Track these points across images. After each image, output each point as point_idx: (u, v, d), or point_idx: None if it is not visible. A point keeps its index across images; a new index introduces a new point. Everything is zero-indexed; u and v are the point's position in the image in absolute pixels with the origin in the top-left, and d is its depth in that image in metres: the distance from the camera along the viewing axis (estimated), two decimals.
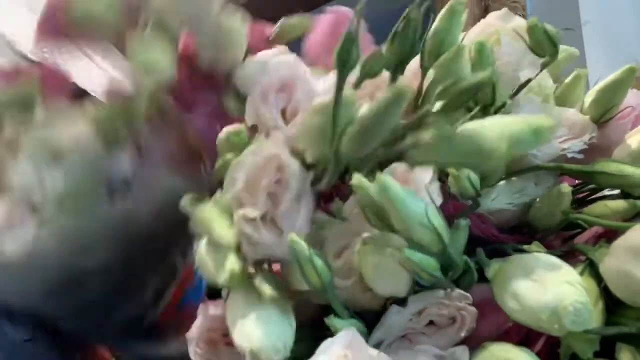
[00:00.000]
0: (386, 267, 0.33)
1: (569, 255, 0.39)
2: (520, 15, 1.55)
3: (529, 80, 0.40)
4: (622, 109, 0.43)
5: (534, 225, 0.41)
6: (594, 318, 0.31)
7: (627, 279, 0.31)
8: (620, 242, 0.33)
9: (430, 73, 0.39)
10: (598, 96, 0.43)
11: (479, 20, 1.54)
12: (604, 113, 0.43)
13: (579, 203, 0.43)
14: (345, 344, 0.31)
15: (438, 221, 0.31)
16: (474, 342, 0.35)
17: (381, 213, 0.32)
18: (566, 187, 0.40)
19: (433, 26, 0.40)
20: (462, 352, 0.34)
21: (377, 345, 0.35)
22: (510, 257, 0.34)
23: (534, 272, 0.31)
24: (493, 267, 0.34)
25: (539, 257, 0.33)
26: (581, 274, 0.35)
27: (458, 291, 0.35)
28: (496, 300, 0.33)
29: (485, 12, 1.57)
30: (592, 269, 0.35)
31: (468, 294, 0.36)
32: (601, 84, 0.43)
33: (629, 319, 0.33)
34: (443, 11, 0.39)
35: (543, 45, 0.40)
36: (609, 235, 0.39)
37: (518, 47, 0.40)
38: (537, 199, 0.41)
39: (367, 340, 0.34)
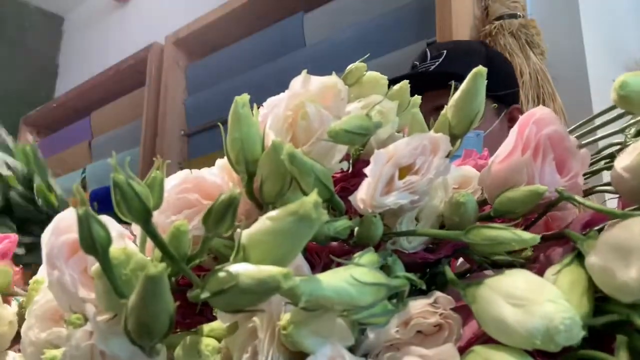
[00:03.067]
0: (324, 329, 0.33)
1: (559, 240, 0.39)
2: (520, 16, 1.54)
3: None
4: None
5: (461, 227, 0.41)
6: (582, 307, 0.32)
7: (611, 276, 0.31)
8: (605, 238, 0.32)
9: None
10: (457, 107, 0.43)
11: (479, 20, 1.53)
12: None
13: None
14: (329, 357, 0.31)
15: (368, 279, 0.32)
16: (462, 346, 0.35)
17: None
18: (463, 196, 0.39)
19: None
20: (449, 348, 0.34)
21: (364, 356, 0.35)
22: (483, 279, 0.34)
23: (512, 295, 0.31)
24: (470, 293, 0.34)
25: (513, 277, 0.33)
26: (570, 263, 0.34)
27: (442, 295, 0.36)
28: (482, 327, 0.33)
29: (485, 12, 1.58)
30: (582, 258, 0.34)
31: (451, 298, 0.36)
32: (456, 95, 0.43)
33: (619, 306, 0.32)
34: None
35: None
36: (596, 223, 0.39)
37: (324, 113, 0.39)
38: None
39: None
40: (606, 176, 0.43)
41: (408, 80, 0.48)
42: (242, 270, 0.29)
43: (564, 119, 1.42)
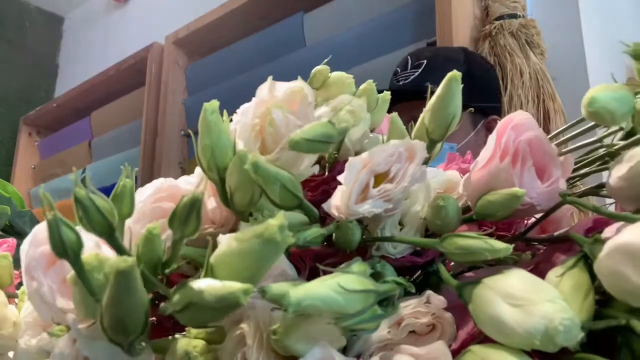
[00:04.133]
0: (315, 333, 0.32)
1: (560, 243, 0.39)
2: (520, 16, 1.55)
3: None
4: None
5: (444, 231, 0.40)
6: (583, 312, 0.32)
7: (621, 280, 0.31)
8: (615, 241, 0.32)
9: None
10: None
11: (479, 20, 1.53)
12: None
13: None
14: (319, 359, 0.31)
15: (355, 287, 0.32)
16: (456, 348, 0.35)
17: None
18: (443, 199, 0.39)
19: None
20: (440, 346, 0.34)
21: (357, 357, 0.35)
22: (482, 280, 0.34)
23: (511, 295, 0.31)
24: (466, 292, 0.34)
25: (511, 277, 0.33)
26: (574, 265, 0.34)
27: (434, 295, 0.36)
28: (479, 327, 0.33)
29: (485, 12, 1.57)
30: (586, 262, 0.34)
31: (443, 298, 0.36)
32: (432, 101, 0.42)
33: (620, 311, 0.32)
34: None
35: None
36: (599, 227, 0.39)
37: (290, 117, 0.39)
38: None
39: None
40: (605, 177, 0.43)
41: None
42: (204, 286, 0.29)
43: (564, 118, 1.41)
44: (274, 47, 2.12)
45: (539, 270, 0.38)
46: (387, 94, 0.48)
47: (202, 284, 0.29)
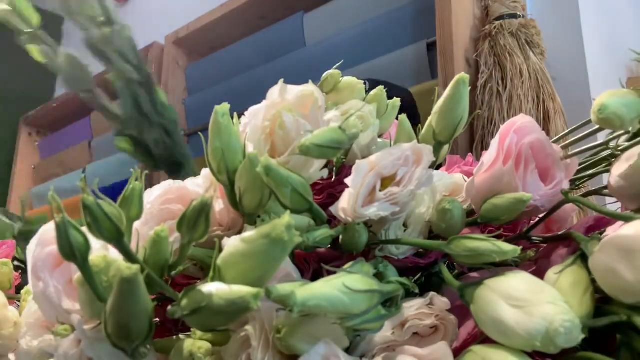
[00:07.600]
0: (319, 332, 0.33)
1: (562, 241, 0.40)
2: (520, 16, 1.54)
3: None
4: None
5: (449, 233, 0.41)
6: (583, 307, 0.32)
7: (614, 277, 0.31)
8: (610, 239, 0.32)
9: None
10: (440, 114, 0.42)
11: (479, 20, 1.53)
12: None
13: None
14: (323, 356, 0.31)
15: (360, 287, 0.32)
16: (457, 347, 0.35)
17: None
18: (449, 203, 0.40)
19: None
20: (442, 347, 0.34)
21: (360, 358, 0.35)
22: (483, 281, 0.34)
23: (512, 296, 0.32)
24: (468, 294, 0.34)
25: (513, 278, 0.33)
26: (573, 262, 0.35)
27: (438, 297, 0.36)
28: (481, 328, 0.33)
29: (485, 12, 1.57)
30: (584, 259, 0.35)
31: (446, 300, 0.36)
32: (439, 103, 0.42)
33: (621, 307, 0.32)
34: None
35: None
36: (600, 227, 0.39)
37: (301, 121, 0.39)
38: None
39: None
40: (606, 178, 0.43)
41: None
42: (214, 290, 0.29)
43: (564, 119, 1.41)
44: (274, 47, 2.12)
45: (538, 267, 0.39)
46: (397, 100, 0.48)
47: (212, 288, 0.29)
